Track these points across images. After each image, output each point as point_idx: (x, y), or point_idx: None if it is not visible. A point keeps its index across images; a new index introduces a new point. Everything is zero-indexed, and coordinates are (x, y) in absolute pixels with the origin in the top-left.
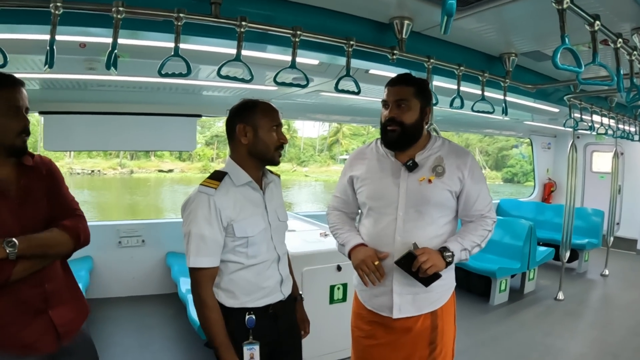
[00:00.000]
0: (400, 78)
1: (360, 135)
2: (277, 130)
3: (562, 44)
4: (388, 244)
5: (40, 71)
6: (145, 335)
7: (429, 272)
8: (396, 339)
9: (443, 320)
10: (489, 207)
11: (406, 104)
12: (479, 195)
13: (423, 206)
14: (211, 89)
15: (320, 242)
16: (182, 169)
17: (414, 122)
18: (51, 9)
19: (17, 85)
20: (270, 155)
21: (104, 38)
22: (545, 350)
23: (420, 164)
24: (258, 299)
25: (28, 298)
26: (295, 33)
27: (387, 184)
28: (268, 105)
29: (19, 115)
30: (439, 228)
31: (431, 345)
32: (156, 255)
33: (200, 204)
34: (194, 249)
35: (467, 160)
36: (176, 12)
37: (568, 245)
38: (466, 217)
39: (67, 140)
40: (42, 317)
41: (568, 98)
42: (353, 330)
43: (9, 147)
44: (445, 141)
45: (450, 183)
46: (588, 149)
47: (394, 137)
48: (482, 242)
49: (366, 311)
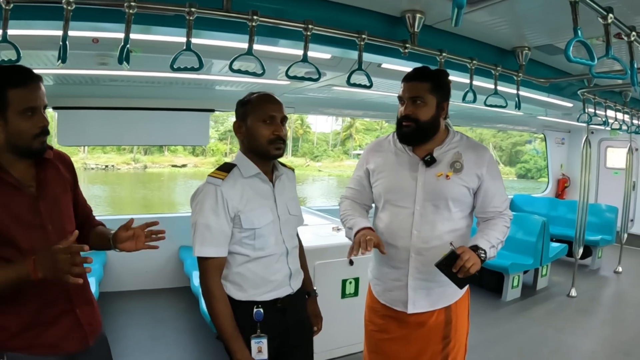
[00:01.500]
0: (416, 73)
1: (373, 131)
2: (271, 122)
3: (574, 36)
4: (405, 238)
5: (54, 67)
6: (157, 328)
7: (472, 270)
8: (409, 333)
9: (457, 314)
10: (505, 203)
11: (421, 100)
12: (497, 192)
13: (440, 201)
14: (224, 84)
15: (333, 236)
16: (196, 164)
17: (430, 119)
18: (64, 5)
19: (35, 82)
20: (264, 149)
21: (116, 33)
22: (557, 347)
23: (438, 159)
24: (266, 292)
25: (54, 297)
26: (307, 27)
27: (405, 177)
28: (263, 97)
29: (36, 116)
30: (454, 223)
31: (444, 339)
32: (169, 249)
33: (208, 194)
34: (200, 239)
35: (485, 157)
36: (188, 7)
37: (581, 242)
38: (483, 214)
39: (81, 135)
40: (68, 316)
41: (582, 92)
42: (366, 324)
43: (26, 150)
44: (463, 136)
45: (468, 179)
46: (602, 145)
47: (409, 133)
48: (503, 239)
49: (380, 305)
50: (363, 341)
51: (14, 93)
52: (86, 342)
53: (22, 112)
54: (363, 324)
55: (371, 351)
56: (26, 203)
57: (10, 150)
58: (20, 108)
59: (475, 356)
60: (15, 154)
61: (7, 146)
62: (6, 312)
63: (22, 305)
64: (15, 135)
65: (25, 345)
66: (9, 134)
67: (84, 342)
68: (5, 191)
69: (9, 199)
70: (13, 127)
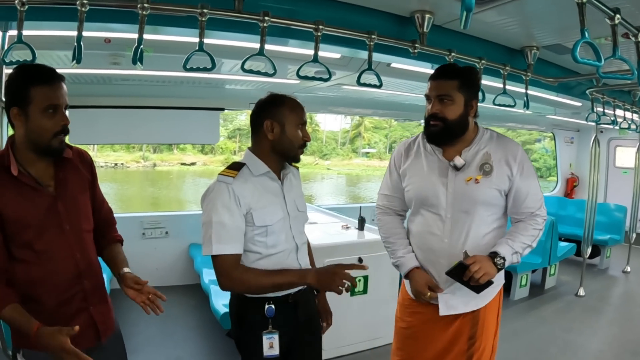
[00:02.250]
0: (443, 71)
1: (382, 129)
2: (302, 128)
3: (581, 37)
4: (435, 243)
5: (66, 66)
6: (168, 325)
7: (482, 281)
8: (436, 331)
9: (485, 316)
10: (539, 203)
11: (449, 98)
12: (529, 191)
13: (470, 207)
14: (234, 83)
15: (342, 234)
16: (205, 162)
17: (458, 117)
18: (78, 6)
19: (58, 81)
20: (294, 153)
21: (128, 33)
22: (565, 345)
23: (467, 162)
24: None
25: (69, 297)
26: (317, 27)
27: (435, 183)
28: (296, 102)
29: (58, 115)
30: (487, 226)
31: (470, 340)
32: (179, 246)
33: (220, 192)
34: (215, 237)
35: (516, 156)
36: (200, 8)
37: (590, 241)
38: (515, 214)
39: (92, 133)
40: (83, 315)
41: (590, 92)
42: (396, 320)
43: (45, 148)
44: (493, 134)
45: (498, 182)
46: (611, 144)
47: (437, 132)
48: (533, 243)
49: (410, 302)
50: (372, 339)
51: (37, 90)
52: (99, 339)
53: (44, 110)
54: (372, 322)
55: (399, 347)
56: (45, 203)
57: (30, 148)
58: (42, 105)
59: None
60: (35, 152)
61: (26, 143)
62: (27, 311)
63: (41, 304)
64: (35, 131)
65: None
66: (29, 129)
67: (97, 339)
68: (24, 191)
69: (27, 199)
70: (34, 123)
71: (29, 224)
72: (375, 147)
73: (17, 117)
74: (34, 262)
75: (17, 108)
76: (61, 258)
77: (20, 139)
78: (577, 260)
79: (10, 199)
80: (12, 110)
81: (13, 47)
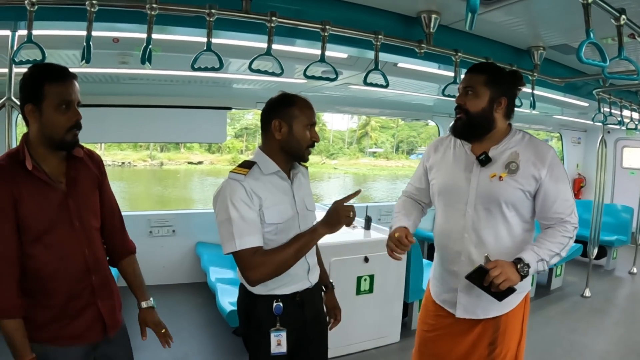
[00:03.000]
0: (476, 65)
1: (389, 129)
2: (311, 129)
3: (587, 38)
4: (457, 240)
5: (74, 65)
6: (174, 323)
7: (502, 287)
8: (457, 336)
9: (507, 322)
10: (570, 209)
11: (473, 90)
12: (558, 196)
13: (492, 204)
14: (241, 82)
15: (348, 233)
16: (212, 161)
17: (480, 111)
18: (87, 7)
19: (70, 78)
20: (301, 153)
21: (136, 33)
22: (570, 346)
23: (494, 159)
24: (285, 286)
25: (78, 292)
26: (324, 28)
27: (459, 177)
28: (306, 103)
29: (71, 110)
30: (511, 229)
31: (490, 346)
32: (186, 244)
33: (234, 189)
34: (237, 232)
35: (546, 158)
36: (208, 8)
37: (596, 242)
38: (544, 219)
39: (100, 132)
40: (90, 309)
41: (597, 92)
42: (419, 323)
43: (59, 142)
44: (526, 135)
45: (524, 182)
46: (619, 144)
47: (459, 125)
48: (562, 251)
49: (433, 305)
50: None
51: (51, 87)
52: (106, 333)
53: (58, 106)
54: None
55: (420, 350)
56: (56, 199)
57: (44, 143)
58: (56, 101)
59: None
60: (48, 147)
61: (40, 138)
62: (35, 305)
63: (51, 299)
64: (49, 127)
65: (50, 337)
66: (42, 125)
67: (104, 333)
68: (37, 187)
69: (41, 193)
70: (47, 119)
71: (41, 218)
72: (382, 147)
73: (32, 113)
74: (44, 256)
75: (32, 105)
76: (71, 253)
77: (35, 135)
78: (583, 261)
79: (25, 192)
80: (27, 107)
81: (23, 46)
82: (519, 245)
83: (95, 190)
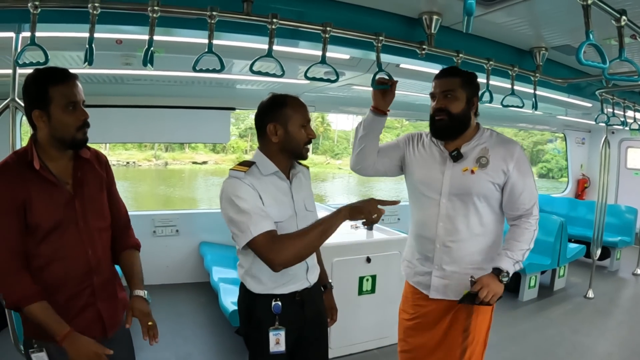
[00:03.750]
0: (447, 70)
1: (394, 128)
2: (306, 127)
3: (586, 39)
4: (431, 229)
5: (78, 67)
6: (177, 322)
7: (492, 302)
8: (435, 323)
9: (478, 309)
10: (533, 202)
11: (452, 94)
12: (525, 189)
13: (465, 196)
14: (245, 83)
15: (351, 233)
16: (216, 161)
17: (461, 112)
18: (89, 9)
19: (73, 79)
20: (300, 151)
21: (139, 35)
22: (573, 347)
23: (465, 155)
24: (284, 285)
25: (78, 292)
26: (325, 29)
27: (434, 170)
28: (298, 101)
29: (78, 110)
30: (482, 218)
31: (464, 332)
32: (190, 244)
33: (237, 184)
34: (249, 221)
35: (514, 152)
36: (209, 10)
37: (599, 243)
38: (510, 211)
39: (105, 132)
40: (90, 309)
41: (600, 93)
42: (400, 312)
43: (71, 141)
44: (493, 133)
45: (494, 175)
46: (623, 145)
47: (442, 126)
48: (530, 244)
49: (412, 294)
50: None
51: (55, 90)
52: (105, 333)
53: (65, 107)
54: (380, 322)
55: (401, 339)
56: (63, 199)
57: (55, 144)
58: (62, 103)
59: (492, 355)
60: (59, 148)
61: (51, 140)
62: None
63: (52, 297)
64: (59, 128)
65: (50, 335)
66: (53, 128)
67: (104, 333)
68: (45, 188)
69: (48, 193)
70: (57, 121)
71: (48, 218)
72: None
73: (40, 118)
74: (48, 255)
75: (39, 110)
76: (74, 254)
77: (44, 137)
78: (586, 261)
79: (33, 191)
80: (34, 113)
81: (26, 49)
82: (489, 234)
83: (102, 191)
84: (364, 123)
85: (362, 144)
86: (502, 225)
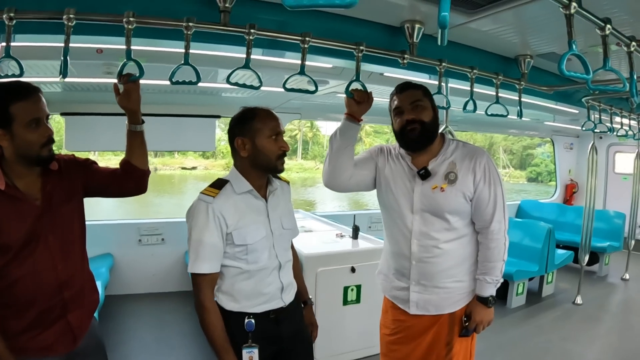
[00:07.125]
0: (405, 84)
1: (383, 134)
2: (277, 138)
3: (569, 49)
4: (406, 246)
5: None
6: (163, 331)
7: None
8: (416, 337)
9: (460, 319)
10: (500, 211)
11: (421, 104)
12: (491, 198)
13: (436, 213)
14: (230, 91)
15: (336, 242)
16: (206, 167)
17: (432, 120)
18: (64, 21)
19: (35, 94)
20: (273, 165)
21: (120, 45)
22: (562, 354)
23: (433, 172)
24: (258, 305)
25: (49, 307)
26: (304, 39)
27: (404, 188)
28: (267, 113)
29: (41, 127)
30: (456, 232)
31: (448, 345)
32: (175, 253)
33: (200, 211)
34: (193, 255)
35: (481, 161)
36: (185, 22)
37: (587, 248)
38: (478, 221)
39: (89, 140)
40: (60, 322)
41: (586, 100)
42: (380, 327)
43: (36, 158)
44: (459, 144)
45: (463, 188)
46: (611, 150)
47: (415, 135)
48: (504, 257)
49: (392, 309)
50: (365, 347)
51: (17, 107)
52: (75, 343)
53: (28, 125)
54: (365, 331)
55: (383, 353)
56: (31, 216)
57: (20, 161)
58: (25, 121)
59: None
60: (25, 165)
61: (17, 158)
62: (9, 317)
63: (26, 311)
64: (23, 147)
65: (21, 348)
66: (17, 146)
67: (74, 344)
68: (13, 207)
69: (16, 214)
70: (20, 139)
71: (17, 237)
72: None
73: (3, 137)
74: (17, 272)
75: (1, 129)
76: (44, 270)
77: (9, 155)
78: (575, 267)
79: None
80: None
81: (1, 61)
82: (466, 245)
83: (73, 202)
84: (339, 132)
85: (339, 155)
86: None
